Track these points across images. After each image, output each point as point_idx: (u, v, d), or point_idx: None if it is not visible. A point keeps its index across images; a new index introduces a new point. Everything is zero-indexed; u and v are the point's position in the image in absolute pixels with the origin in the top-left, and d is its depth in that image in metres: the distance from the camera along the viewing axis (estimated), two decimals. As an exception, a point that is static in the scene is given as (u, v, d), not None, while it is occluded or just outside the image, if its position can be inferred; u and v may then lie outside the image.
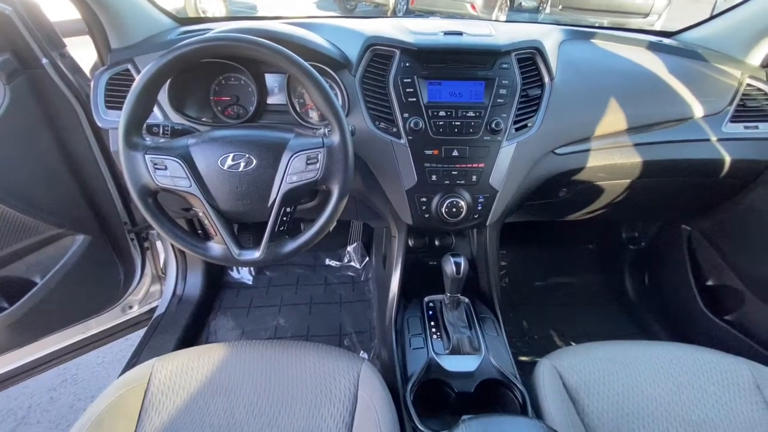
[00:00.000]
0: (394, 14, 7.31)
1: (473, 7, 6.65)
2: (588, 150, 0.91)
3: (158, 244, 1.31)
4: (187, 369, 0.74)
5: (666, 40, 1.09)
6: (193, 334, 1.30)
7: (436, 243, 1.06)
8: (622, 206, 1.08)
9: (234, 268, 1.52)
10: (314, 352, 0.77)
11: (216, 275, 1.46)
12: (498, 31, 0.90)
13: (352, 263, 1.57)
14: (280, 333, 1.33)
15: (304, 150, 0.65)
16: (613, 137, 0.91)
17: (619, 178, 0.97)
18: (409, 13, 7.26)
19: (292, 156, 0.65)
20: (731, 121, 0.92)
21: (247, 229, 1.33)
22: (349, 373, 0.74)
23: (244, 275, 1.52)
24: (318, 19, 1.01)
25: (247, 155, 0.65)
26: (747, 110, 0.93)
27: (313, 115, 0.89)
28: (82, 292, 1.08)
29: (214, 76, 0.89)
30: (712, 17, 1.08)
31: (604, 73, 0.94)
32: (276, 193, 0.66)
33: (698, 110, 0.91)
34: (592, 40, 1.01)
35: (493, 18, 6.64)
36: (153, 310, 1.33)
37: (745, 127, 0.92)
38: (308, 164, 0.66)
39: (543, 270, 1.55)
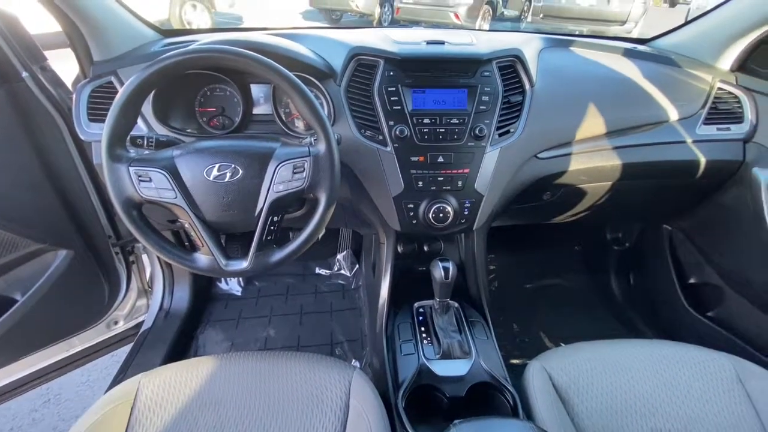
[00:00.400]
0: (380, 24, 7.40)
1: (457, 16, 6.77)
2: (569, 154, 0.94)
3: (144, 257, 1.29)
4: (174, 384, 0.73)
5: (641, 47, 1.13)
6: (181, 348, 1.28)
7: (425, 249, 1.06)
8: (605, 208, 1.11)
9: (222, 279, 1.51)
10: (304, 363, 0.77)
11: (204, 287, 1.44)
12: (479, 40, 0.93)
13: (342, 271, 1.56)
14: (271, 344, 1.31)
15: (291, 159, 0.66)
16: (593, 141, 0.94)
17: (601, 180, 1.00)
18: (394, 22, 7.37)
19: (278, 165, 0.65)
20: (704, 124, 0.96)
21: (234, 240, 1.32)
22: (340, 382, 0.73)
23: (233, 286, 1.50)
24: (303, 30, 1.02)
25: (233, 165, 0.65)
26: (719, 113, 0.96)
27: (299, 125, 0.90)
28: (65, 309, 1.06)
29: (199, 87, 0.89)
30: (683, 24, 1.13)
31: (582, 80, 0.97)
32: (263, 203, 0.66)
33: (673, 114, 0.95)
34: (571, 48, 1.04)
35: (477, 26, 6.78)
36: (139, 325, 1.31)
37: (718, 129, 0.96)
38: (295, 173, 0.66)
39: (531, 273, 1.57)
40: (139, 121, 0.81)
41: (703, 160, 0.95)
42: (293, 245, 0.70)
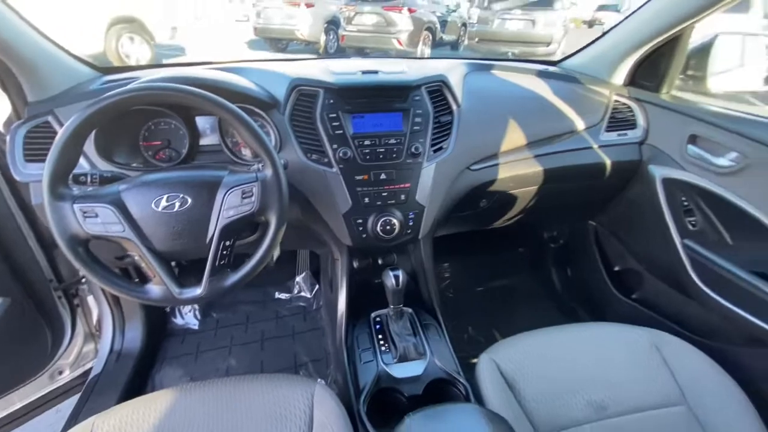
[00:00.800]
0: (326, 52, 7.62)
1: (399, 42, 7.14)
2: (497, 164, 1.05)
3: (90, 299, 1.24)
4: (132, 422, 0.71)
5: (551, 68, 1.29)
6: (135, 390, 1.22)
7: (380, 262, 1.12)
8: (535, 210, 1.23)
9: (178, 314, 1.46)
10: (265, 383, 0.78)
11: (158, 324, 1.39)
12: (410, 68, 1.03)
13: (303, 293, 1.58)
14: (232, 373, 1.29)
15: (239, 185, 0.69)
16: (516, 152, 1.06)
17: (527, 185, 1.12)
18: (340, 50, 7.61)
19: (227, 192, 0.68)
20: (606, 131, 1.11)
21: (187, 269, 1.30)
22: (302, 397, 0.75)
23: (189, 320, 1.46)
24: (245, 64, 1.07)
25: (181, 195, 0.67)
26: (617, 121, 1.12)
27: (247, 153, 0.94)
28: (2, 363, 0.99)
29: (142, 122, 0.90)
30: (584, 47, 1.30)
31: (502, 99, 1.09)
32: (213, 229, 0.68)
33: (580, 124, 1.09)
34: (492, 71, 1.18)
35: (418, 51, 7.17)
36: (87, 372, 1.23)
37: (618, 135, 1.12)
38: (244, 198, 0.69)
39: (483, 276, 1.67)
40: (82, 158, 0.81)
41: (608, 162, 1.10)
42: (248, 266, 0.72)
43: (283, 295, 1.58)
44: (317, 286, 1.57)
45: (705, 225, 0.98)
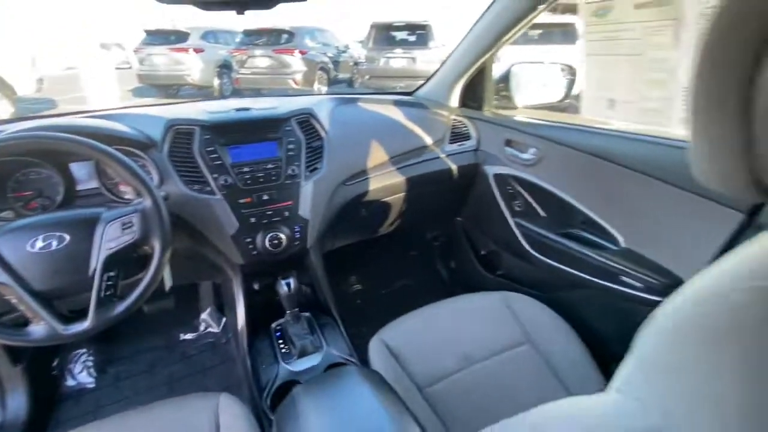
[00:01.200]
0: (222, 95, 7.55)
1: (295, 81, 7.42)
2: (368, 178, 1.25)
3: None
4: None
5: (405, 98, 1.57)
6: None
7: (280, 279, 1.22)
8: (410, 213, 1.46)
9: (68, 375, 1.35)
10: (165, 406, 0.78)
11: (46, 388, 1.28)
12: (281, 104, 1.19)
13: (210, 329, 1.57)
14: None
15: (118, 218, 0.75)
16: (382, 167, 1.27)
17: (396, 193, 1.34)
18: (235, 92, 7.61)
19: (106, 225, 0.74)
20: (449, 143, 1.40)
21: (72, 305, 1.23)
22: (206, 409, 0.76)
23: (83, 379, 1.36)
24: (120, 110, 1.13)
25: (58, 234, 0.71)
26: (457, 135, 1.42)
27: (127, 190, 0.99)
28: None
29: (9, 175, 0.90)
30: (429, 77, 1.61)
31: (365, 125, 1.32)
32: (95, 262, 0.72)
33: (429, 140, 1.36)
34: (356, 104, 1.40)
35: (315, 89, 7.52)
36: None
37: (458, 145, 1.41)
38: (124, 229, 0.76)
39: (384, 281, 1.85)
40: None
41: (454, 167, 1.38)
42: (137, 292, 0.77)
43: (190, 335, 1.56)
44: (224, 319, 1.59)
45: (525, 205, 1.29)
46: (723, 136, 0.31)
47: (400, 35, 7.65)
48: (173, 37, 7.55)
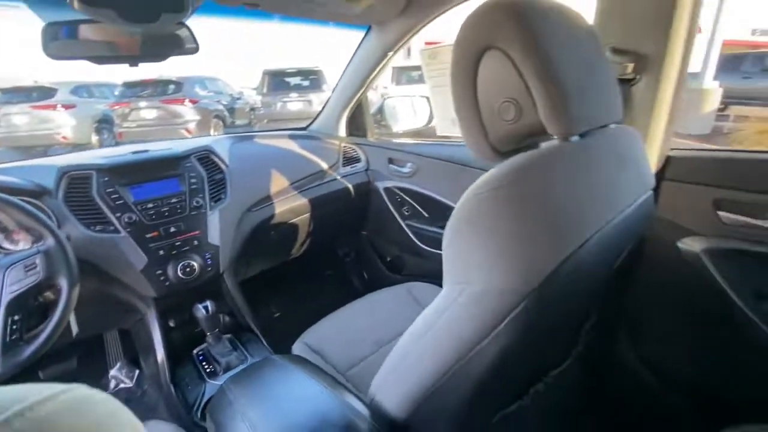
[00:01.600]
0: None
1: (189, 131, 7.16)
2: (272, 203, 1.38)
3: None
4: None
5: (299, 132, 1.76)
6: None
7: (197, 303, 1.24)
8: (318, 233, 1.61)
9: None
10: None
11: None
12: (180, 144, 1.27)
13: (122, 385, 1.47)
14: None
15: (19, 261, 0.77)
16: (284, 192, 1.42)
17: (302, 214, 1.48)
18: (118, 145, 7.02)
19: (6, 270, 0.75)
20: (343, 167, 1.61)
21: None
22: None
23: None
24: (3, 165, 1.10)
25: None
26: (348, 159, 1.64)
27: (20, 238, 0.97)
28: None
29: None
30: (317, 115, 1.83)
31: (263, 157, 1.46)
32: None
33: (324, 165, 1.55)
34: (253, 140, 1.54)
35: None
36: None
37: (351, 167, 1.63)
38: (27, 271, 0.77)
39: (304, 303, 1.93)
40: None
41: (350, 186, 1.59)
42: (45, 333, 0.78)
43: (98, 397, 1.44)
44: (137, 371, 1.51)
45: (412, 209, 1.54)
46: (470, 126, 0.55)
47: (293, 80, 8.00)
48: (35, 94, 6.78)
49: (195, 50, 0.87)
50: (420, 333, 0.59)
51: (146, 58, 0.83)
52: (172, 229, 1.11)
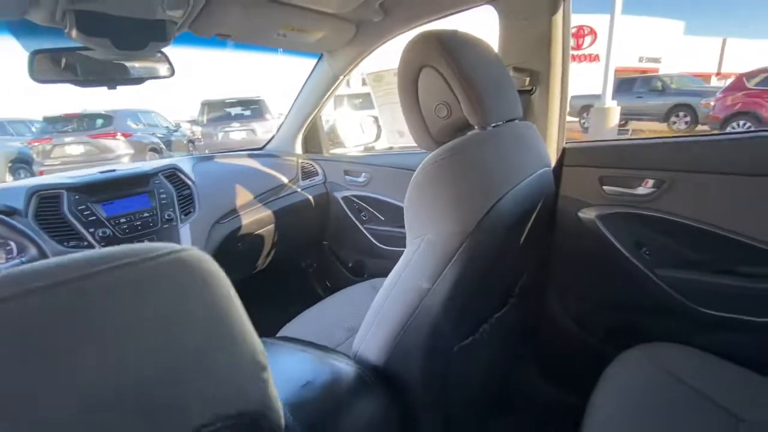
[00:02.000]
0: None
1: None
2: (239, 215, 1.47)
3: None
4: None
5: (257, 151, 1.87)
6: None
7: None
8: (283, 243, 1.71)
9: None
10: None
11: None
12: (144, 165, 1.33)
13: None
14: None
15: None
16: (249, 204, 1.51)
17: (267, 225, 1.58)
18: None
19: None
20: (302, 180, 1.74)
21: None
22: None
23: None
24: None
25: None
26: (307, 173, 1.78)
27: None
28: None
29: None
30: (273, 136, 1.95)
31: (227, 173, 1.55)
32: None
33: (284, 179, 1.68)
34: (214, 160, 1.63)
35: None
36: None
37: (310, 181, 1.77)
38: None
39: (272, 315, 1.98)
40: None
41: (311, 197, 1.72)
42: None
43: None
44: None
45: (369, 214, 1.71)
46: (416, 124, 0.74)
47: (234, 110, 7.97)
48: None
49: (171, 74, 0.98)
50: (390, 286, 0.74)
51: (127, 81, 0.93)
52: (146, 242, 1.16)
